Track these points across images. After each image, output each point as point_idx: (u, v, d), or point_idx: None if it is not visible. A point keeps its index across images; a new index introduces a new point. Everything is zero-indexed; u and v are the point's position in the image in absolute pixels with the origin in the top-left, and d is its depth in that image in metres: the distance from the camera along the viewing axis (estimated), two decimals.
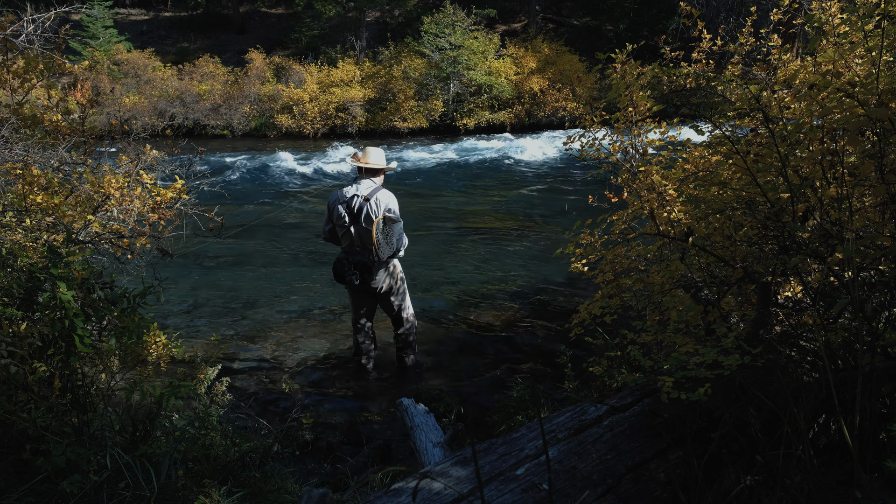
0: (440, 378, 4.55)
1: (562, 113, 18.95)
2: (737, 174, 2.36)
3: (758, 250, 2.34)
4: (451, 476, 1.95)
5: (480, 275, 6.79)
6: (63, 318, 2.26)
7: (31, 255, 2.53)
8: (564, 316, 5.39)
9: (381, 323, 5.06)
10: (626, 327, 2.83)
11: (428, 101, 18.50)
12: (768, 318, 2.22)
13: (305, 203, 10.99)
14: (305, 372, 4.68)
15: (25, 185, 3.34)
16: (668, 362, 2.09)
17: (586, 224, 3.21)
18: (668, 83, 3.01)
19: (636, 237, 3.02)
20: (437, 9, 19.02)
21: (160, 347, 3.19)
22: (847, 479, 1.64)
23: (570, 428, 2.19)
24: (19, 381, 2.29)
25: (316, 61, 21.11)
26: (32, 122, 3.77)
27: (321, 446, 3.60)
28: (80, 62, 16.31)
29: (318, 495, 2.48)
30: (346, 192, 4.05)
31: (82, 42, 20.72)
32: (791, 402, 1.71)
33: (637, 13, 22.85)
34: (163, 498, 2.16)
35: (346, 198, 4.02)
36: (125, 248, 3.82)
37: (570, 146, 3.25)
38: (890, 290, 1.94)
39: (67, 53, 12.97)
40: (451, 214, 9.72)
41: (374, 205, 3.95)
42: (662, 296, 2.75)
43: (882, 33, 1.91)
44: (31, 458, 2.17)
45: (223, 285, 6.62)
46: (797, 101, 2.63)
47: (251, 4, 28.74)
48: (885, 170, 1.86)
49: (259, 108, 19.35)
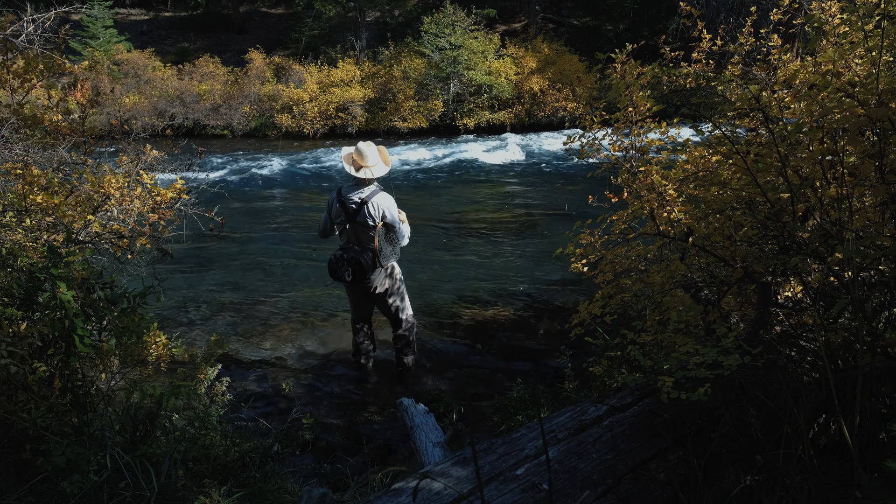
0: (440, 378, 4.55)
1: (562, 113, 18.94)
2: (737, 174, 2.36)
3: (758, 250, 2.34)
4: (451, 476, 1.95)
5: (480, 275, 6.78)
6: (63, 318, 2.26)
7: (31, 255, 2.53)
8: (564, 316, 5.39)
9: (380, 323, 5.07)
10: (626, 327, 2.83)
11: (428, 101, 18.50)
12: (768, 318, 2.22)
13: (305, 203, 10.99)
14: (305, 372, 4.67)
15: (25, 185, 3.34)
16: (668, 362, 2.09)
17: (586, 224, 3.21)
18: (668, 83, 3.01)
19: (636, 237, 3.02)
20: (437, 9, 19.02)
21: (160, 347, 3.19)
22: (847, 479, 1.64)
23: (570, 428, 2.19)
24: (19, 381, 2.29)
25: (316, 61, 21.10)
26: (32, 122, 3.77)
27: (321, 446, 3.60)
28: (80, 62, 16.31)
29: (318, 495, 2.48)
30: (345, 191, 4.04)
31: (82, 42, 20.70)
32: (791, 402, 1.71)
33: (637, 13, 22.83)
34: (163, 498, 2.16)
35: (343, 197, 4.02)
36: (125, 248, 3.82)
37: (569, 146, 3.25)
38: (890, 290, 1.94)
39: (67, 53, 12.98)
40: (451, 214, 9.72)
41: (373, 207, 3.95)
42: (662, 296, 2.75)
43: (882, 33, 1.91)
44: (31, 458, 2.17)
45: (223, 285, 6.62)
46: (797, 101, 2.63)
47: (251, 4, 28.73)
48: (885, 170, 1.86)
49: (259, 108, 19.34)
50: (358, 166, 4.01)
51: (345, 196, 4.02)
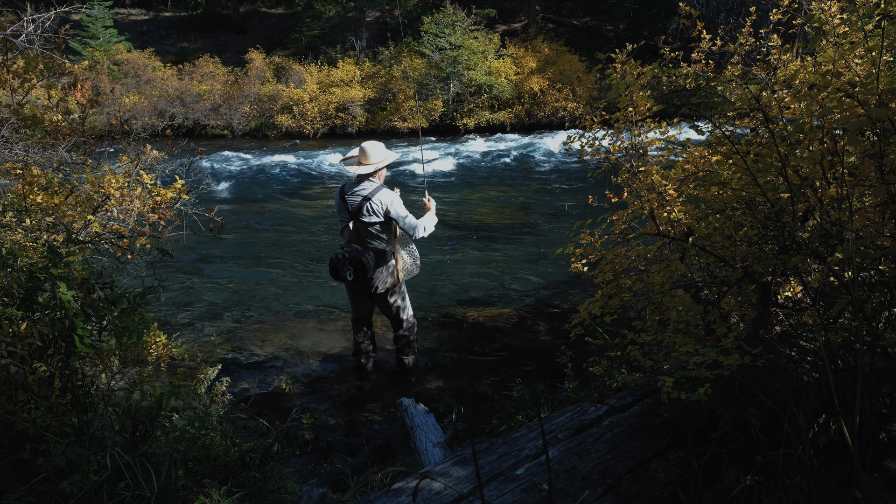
0: (440, 378, 4.55)
1: (562, 113, 18.94)
2: (737, 174, 2.36)
3: (758, 250, 2.34)
4: (451, 476, 1.95)
5: (480, 275, 6.78)
6: (63, 318, 2.26)
7: (31, 255, 2.53)
8: (564, 316, 5.39)
9: (380, 323, 5.07)
10: (626, 327, 2.83)
11: (428, 101, 18.50)
12: (768, 318, 2.22)
13: (305, 203, 10.99)
14: (305, 372, 4.68)
15: (25, 185, 3.34)
16: (668, 362, 2.09)
17: (586, 224, 3.21)
18: (668, 83, 3.01)
19: (636, 237, 3.02)
20: (437, 9, 19.01)
21: (160, 347, 3.19)
22: (847, 479, 1.64)
23: (570, 428, 2.19)
24: (19, 381, 2.29)
25: (316, 61, 21.10)
26: (33, 122, 3.78)
27: (321, 446, 3.60)
28: (80, 62, 16.32)
29: (318, 495, 2.48)
30: (347, 188, 4.05)
31: (82, 42, 20.70)
32: (791, 402, 1.71)
33: (637, 13, 22.83)
34: (163, 498, 2.17)
35: (346, 194, 4.03)
36: (125, 248, 3.82)
37: (570, 146, 3.26)
38: (890, 290, 1.94)
39: (67, 53, 12.97)
40: (450, 214, 9.72)
41: (375, 203, 3.95)
42: (662, 296, 2.75)
43: (882, 33, 1.91)
44: (31, 458, 2.17)
45: (223, 285, 6.63)
46: (797, 101, 2.63)
47: (251, 4, 28.73)
48: (885, 170, 1.86)
49: (259, 108, 19.34)
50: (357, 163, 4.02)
51: (347, 193, 4.02)
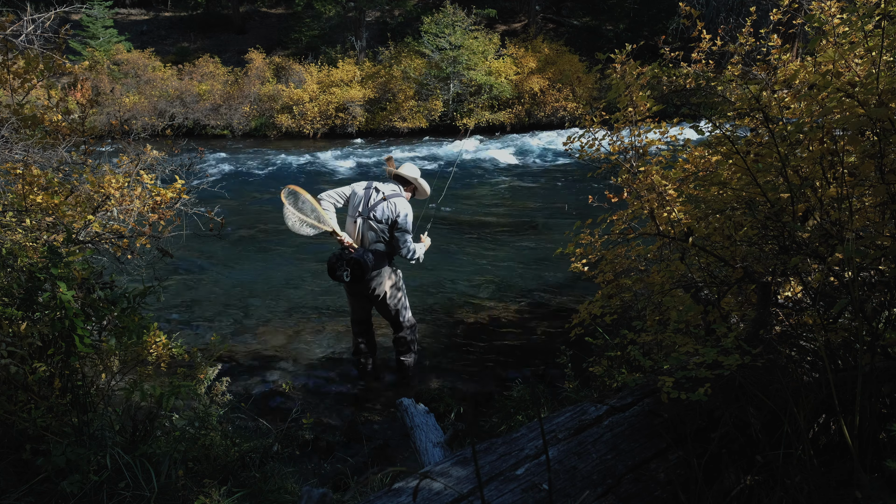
0: (440, 378, 4.55)
1: (562, 113, 18.94)
2: (737, 174, 2.36)
3: (758, 250, 2.34)
4: (451, 476, 1.95)
5: (480, 275, 6.78)
6: (63, 318, 2.26)
7: (31, 255, 2.53)
8: (564, 316, 5.39)
9: (380, 323, 5.07)
10: (626, 327, 2.83)
11: (428, 101, 18.50)
12: (768, 318, 2.22)
13: None
14: (305, 372, 4.67)
15: (25, 185, 3.34)
16: (668, 362, 2.09)
17: (586, 224, 3.21)
18: (668, 83, 3.01)
19: (636, 237, 3.02)
20: (437, 9, 19.01)
21: (160, 347, 3.19)
22: (847, 479, 1.64)
23: (570, 428, 2.19)
24: (19, 381, 2.29)
25: (316, 61, 21.10)
26: (33, 122, 3.78)
27: (321, 446, 3.60)
28: (80, 62, 16.31)
29: (318, 495, 2.48)
30: (372, 183, 4.10)
31: (82, 42, 20.71)
32: (791, 402, 1.71)
33: (637, 13, 22.83)
34: (163, 498, 2.17)
35: (367, 187, 4.08)
36: (125, 248, 3.82)
37: (569, 146, 3.26)
38: (890, 290, 1.94)
39: (67, 53, 12.97)
40: (450, 214, 9.72)
41: (389, 205, 3.97)
42: (662, 296, 2.75)
43: (882, 33, 1.91)
44: (31, 458, 2.17)
45: (223, 285, 6.62)
46: (797, 101, 2.63)
47: (251, 4, 28.73)
48: (885, 170, 1.86)
49: (259, 108, 19.35)
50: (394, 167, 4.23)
51: (371, 187, 4.07)
